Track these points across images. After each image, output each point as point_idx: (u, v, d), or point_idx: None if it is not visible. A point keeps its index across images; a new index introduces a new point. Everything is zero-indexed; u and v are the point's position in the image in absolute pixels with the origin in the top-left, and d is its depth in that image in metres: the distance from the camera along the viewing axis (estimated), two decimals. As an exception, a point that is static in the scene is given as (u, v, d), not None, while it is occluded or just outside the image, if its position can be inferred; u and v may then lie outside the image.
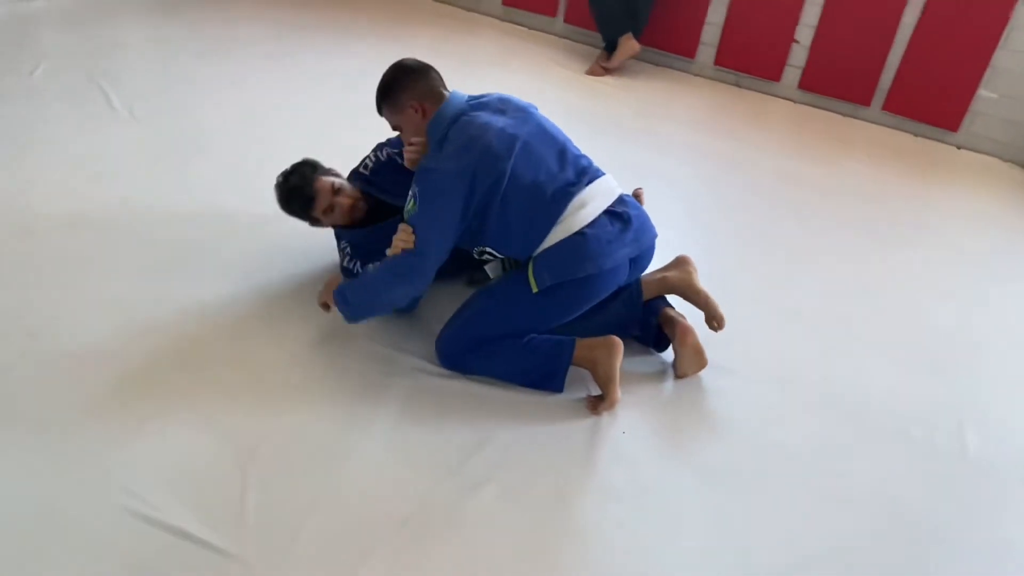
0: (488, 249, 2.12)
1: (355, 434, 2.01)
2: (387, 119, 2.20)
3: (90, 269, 2.47)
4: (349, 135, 3.35)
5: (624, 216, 2.11)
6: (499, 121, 2.05)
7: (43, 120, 3.29)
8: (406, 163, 2.20)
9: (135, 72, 3.79)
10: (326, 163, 2.53)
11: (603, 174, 2.15)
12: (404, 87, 2.11)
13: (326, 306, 2.24)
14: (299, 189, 2.39)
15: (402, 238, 2.06)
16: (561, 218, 2.04)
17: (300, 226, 2.53)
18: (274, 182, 2.44)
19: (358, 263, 2.44)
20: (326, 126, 3.50)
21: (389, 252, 2.10)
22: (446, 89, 2.16)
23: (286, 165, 2.48)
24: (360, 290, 2.12)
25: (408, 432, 2.03)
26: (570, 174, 2.08)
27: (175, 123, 3.37)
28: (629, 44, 4.35)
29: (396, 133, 2.45)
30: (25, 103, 3.41)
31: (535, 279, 2.05)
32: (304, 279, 2.54)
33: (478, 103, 2.10)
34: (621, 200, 2.14)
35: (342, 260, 2.51)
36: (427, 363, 2.24)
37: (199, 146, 3.22)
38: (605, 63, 4.42)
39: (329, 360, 2.24)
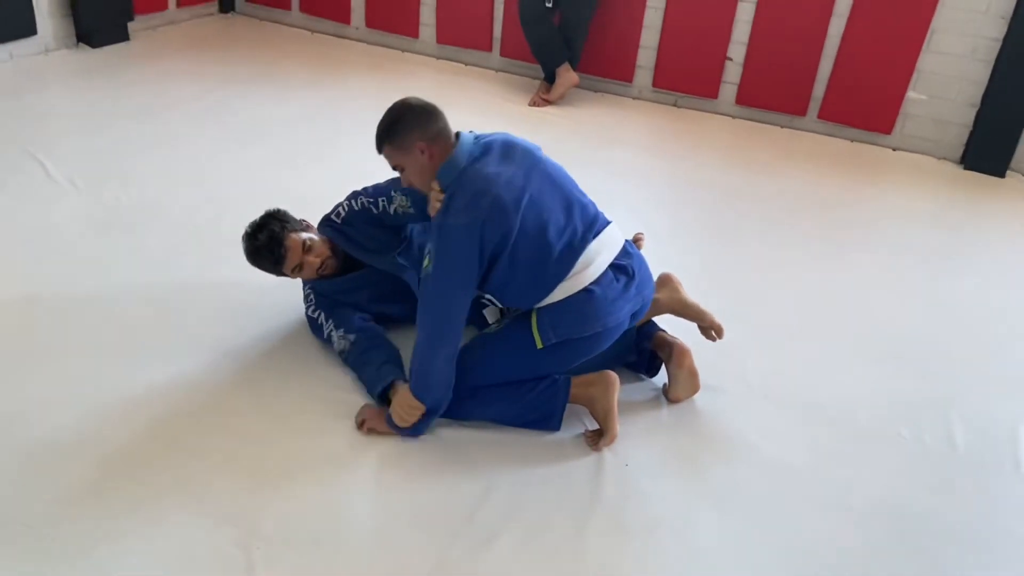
0: (487, 296, 2.09)
1: (359, 496, 1.96)
2: (388, 158, 2.06)
3: (51, 352, 2.34)
4: (297, 185, 3.31)
5: (628, 270, 2.10)
6: (506, 171, 1.99)
7: (-21, 199, 3.14)
8: (429, 211, 2.07)
9: (70, 140, 3.65)
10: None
11: (609, 222, 2.13)
12: (412, 127, 1.99)
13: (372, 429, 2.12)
14: (267, 248, 2.32)
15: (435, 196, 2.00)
16: (568, 275, 2.01)
17: (265, 283, 2.49)
18: (242, 234, 2.37)
19: (322, 313, 2.39)
20: (272, 177, 3.42)
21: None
22: (452, 132, 2.06)
23: (239, 221, 2.40)
24: (421, 377, 2.03)
25: (412, 489, 1.99)
26: (577, 225, 2.04)
27: (120, 189, 3.24)
28: (568, 75, 4.39)
29: (372, 183, 2.41)
30: (-43, 182, 3.25)
31: (540, 335, 2.03)
32: (277, 340, 2.47)
33: (485, 144, 2.04)
34: (625, 251, 2.13)
35: (307, 308, 2.46)
36: (420, 414, 2.19)
37: (147, 212, 3.11)
38: (545, 94, 4.46)
39: (318, 421, 2.17)
